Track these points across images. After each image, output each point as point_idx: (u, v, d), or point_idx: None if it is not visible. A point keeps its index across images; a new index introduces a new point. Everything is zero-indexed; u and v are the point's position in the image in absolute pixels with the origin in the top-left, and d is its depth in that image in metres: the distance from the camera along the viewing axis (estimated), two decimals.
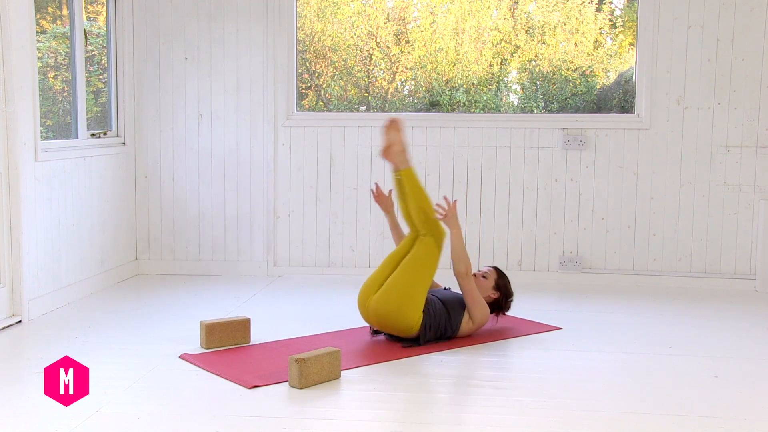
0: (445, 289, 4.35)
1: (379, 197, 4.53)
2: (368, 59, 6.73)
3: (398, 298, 3.96)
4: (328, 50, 6.66)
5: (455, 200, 4.28)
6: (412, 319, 3.96)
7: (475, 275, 4.30)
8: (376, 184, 4.67)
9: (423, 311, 4.00)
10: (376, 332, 4.20)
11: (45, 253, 4.73)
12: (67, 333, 4.26)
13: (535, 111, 6.54)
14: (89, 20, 5.66)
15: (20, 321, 4.46)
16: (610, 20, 6.68)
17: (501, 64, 6.71)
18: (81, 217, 5.15)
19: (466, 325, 4.14)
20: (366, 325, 4.32)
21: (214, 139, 5.85)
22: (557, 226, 5.74)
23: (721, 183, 5.58)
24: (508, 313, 4.75)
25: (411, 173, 4.16)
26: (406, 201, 4.17)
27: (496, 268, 4.41)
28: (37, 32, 4.67)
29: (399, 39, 6.73)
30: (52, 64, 5.31)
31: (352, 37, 6.68)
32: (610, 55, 6.70)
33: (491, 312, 4.31)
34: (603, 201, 5.69)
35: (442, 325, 4.07)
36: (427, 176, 5.76)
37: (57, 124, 5.28)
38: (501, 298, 4.33)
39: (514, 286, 5.53)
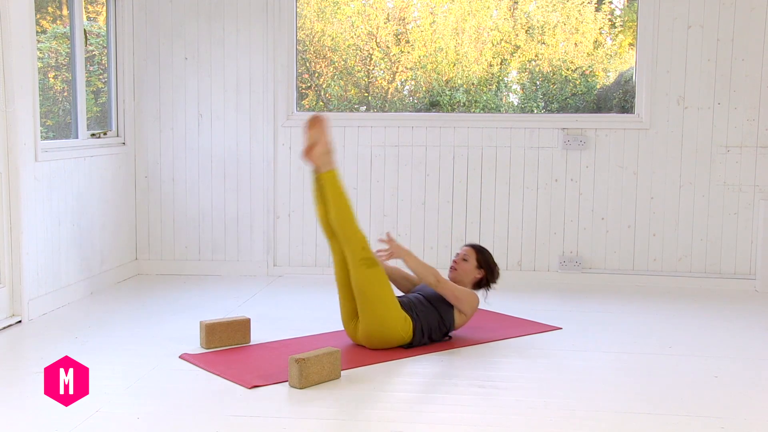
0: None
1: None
2: (368, 59, 6.73)
3: (377, 323, 3.88)
4: (328, 50, 6.66)
5: (387, 233, 4.10)
6: (398, 328, 3.91)
7: (455, 261, 4.26)
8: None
9: (411, 316, 3.96)
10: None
11: (45, 253, 4.73)
12: (67, 333, 4.26)
13: (535, 111, 6.54)
14: (89, 20, 5.66)
15: (20, 321, 4.46)
16: (610, 20, 6.68)
17: (501, 64, 6.71)
18: (81, 217, 5.15)
19: (459, 318, 4.11)
20: None
21: (214, 139, 5.85)
22: (557, 226, 5.74)
23: (721, 183, 5.58)
24: (508, 314, 4.76)
25: (334, 177, 3.88)
26: (326, 206, 3.92)
27: (473, 246, 4.32)
28: (37, 32, 4.67)
29: (399, 39, 6.73)
30: (53, 64, 5.31)
31: (352, 37, 6.68)
32: (610, 55, 6.70)
33: (480, 288, 4.28)
34: (603, 201, 5.69)
35: (435, 326, 4.04)
36: (428, 176, 5.76)
37: (57, 124, 5.28)
38: (486, 274, 4.27)
39: (515, 286, 5.55)
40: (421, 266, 4.01)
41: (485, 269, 4.26)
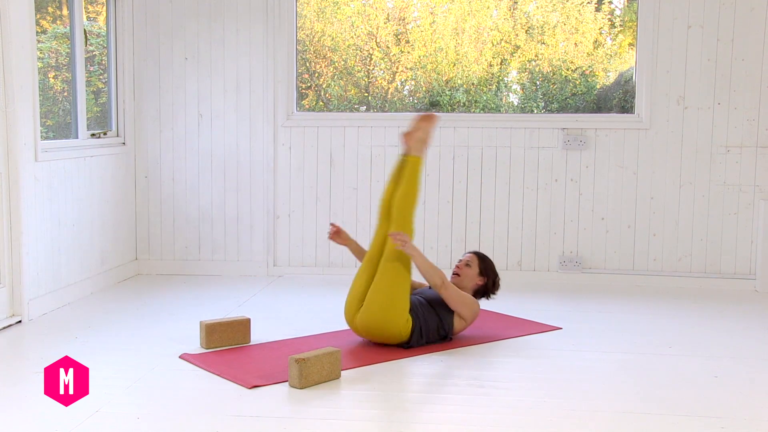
0: (429, 288, 4.28)
1: (336, 234, 4.35)
2: (368, 59, 6.73)
3: (380, 310, 3.91)
4: (328, 50, 6.65)
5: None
6: (398, 325, 3.92)
7: (458, 266, 4.29)
8: (332, 224, 4.38)
9: (412, 316, 3.97)
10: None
11: (45, 253, 4.73)
12: (67, 333, 4.26)
13: (535, 111, 6.54)
14: (89, 20, 5.66)
15: (20, 321, 4.46)
16: (610, 20, 6.68)
17: (501, 64, 6.70)
18: (81, 217, 5.15)
19: (458, 323, 4.12)
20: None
21: (214, 139, 5.85)
22: (557, 226, 5.74)
23: (721, 183, 5.58)
24: (508, 314, 4.76)
25: (418, 163, 4.09)
26: (397, 186, 4.09)
27: (476, 253, 4.36)
28: (37, 32, 4.67)
29: (399, 39, 6.72)
30: (53, 64, 5.31)
31: (352, 37, 6.68)
32: (610, 55, 6.70)
33: (480, 297, 4.30)
34: (603, 201, 5.69)
35: (434, 329, 4.05)
36: (428, 176, 5.76)
37: (57, 124, 5.28)
38: (488, 282, 4.30)
39: (515, 285, 5.55)
40: (428, 266, 4.02)
41: (487, 277, 4.29)
